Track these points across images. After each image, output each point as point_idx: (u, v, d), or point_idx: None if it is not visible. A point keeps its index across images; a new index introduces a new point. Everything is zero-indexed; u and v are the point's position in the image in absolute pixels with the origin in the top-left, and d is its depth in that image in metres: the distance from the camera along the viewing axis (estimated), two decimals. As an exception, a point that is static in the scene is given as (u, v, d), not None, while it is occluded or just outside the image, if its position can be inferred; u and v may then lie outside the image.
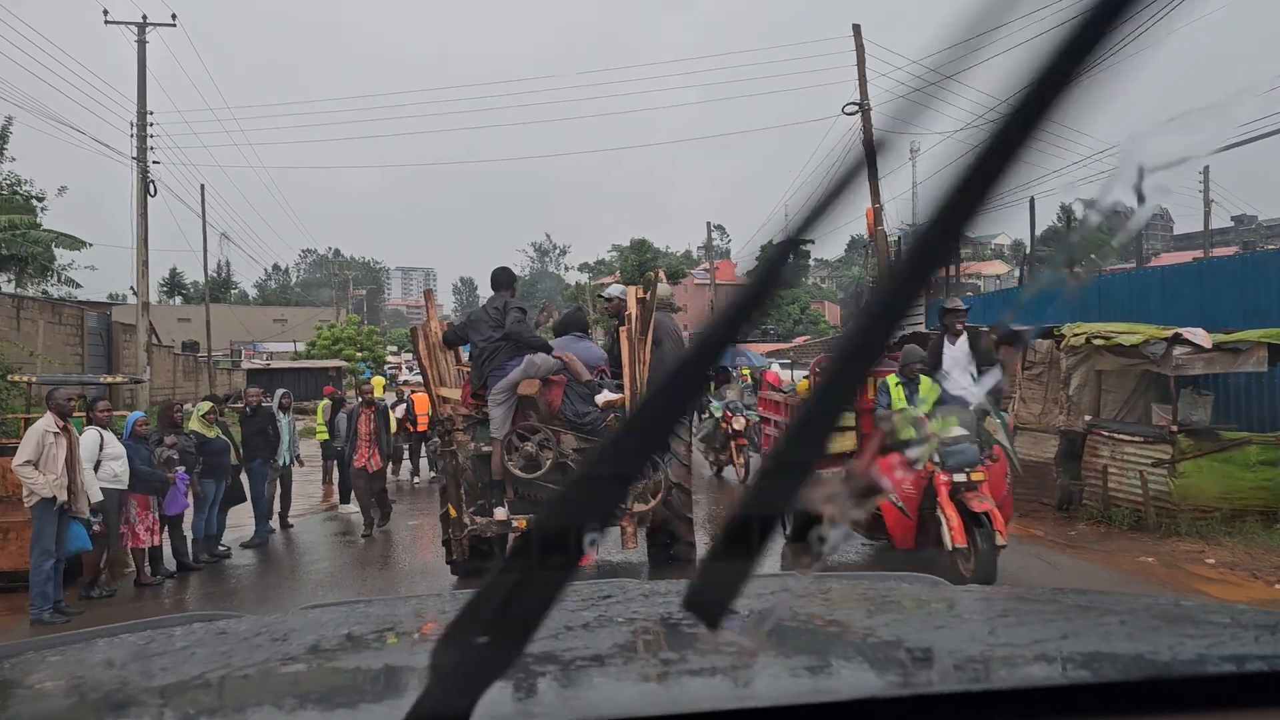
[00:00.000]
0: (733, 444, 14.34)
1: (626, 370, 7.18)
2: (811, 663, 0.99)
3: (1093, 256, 0.89)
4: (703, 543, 7.81)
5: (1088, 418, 10.74)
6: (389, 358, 57.39)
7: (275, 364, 45.83)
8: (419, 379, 20.77)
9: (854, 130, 18.49)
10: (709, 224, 50.91)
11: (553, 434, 7.03)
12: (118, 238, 22.66)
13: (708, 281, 50.04)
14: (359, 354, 46.84)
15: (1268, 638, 1.18)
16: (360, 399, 11.65)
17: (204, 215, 31.70)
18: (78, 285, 26.64)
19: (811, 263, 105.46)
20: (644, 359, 7.27)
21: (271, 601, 8.20)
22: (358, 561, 9.76)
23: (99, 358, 25.97)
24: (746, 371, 36.66)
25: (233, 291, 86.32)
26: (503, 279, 7.48)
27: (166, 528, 9.03)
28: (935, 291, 22.81)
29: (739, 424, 14.16)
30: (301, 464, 11.98)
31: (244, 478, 10.28)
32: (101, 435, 8.15)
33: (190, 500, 9.41)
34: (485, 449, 7.14)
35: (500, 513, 7.06)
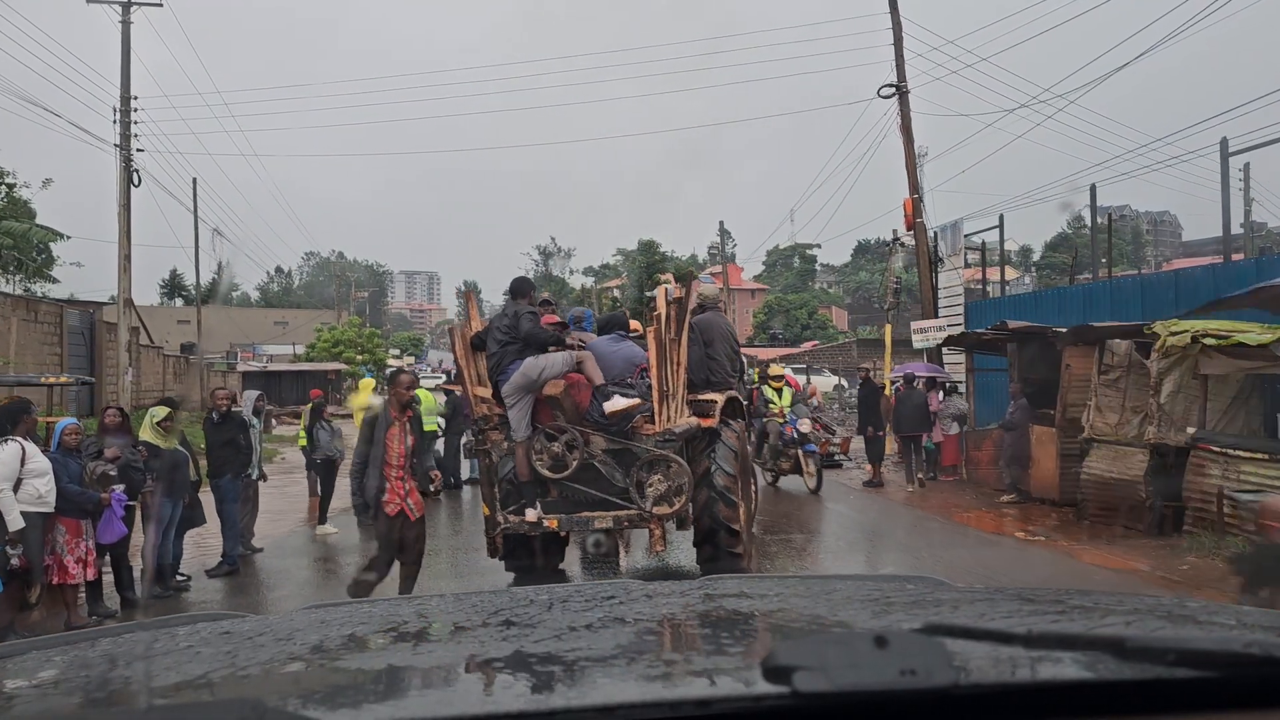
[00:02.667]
0: None
1: (654, 371, 6.85)
2: (816, 658, 0.90)
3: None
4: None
5: (1190, 430, 9.22)
6: (390, 360, 56.11)
7: (273, 366, 44.73)
8: (426, 383, 19.43)
9: (890, 114, 17.04)
10: (721, 223, 49.51)
11: (580, 434, 6.93)
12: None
13: (717, 285, 48.62)
14: (360, 356, 45.61)
15: (1273, 638, 1.20)
16: (387, 398, 7.18)
17: (195, 210, 30.34)
18: (54, 281, 25.18)
19: (818, 268, 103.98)
20: (679, 360, 7.01)
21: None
22: (342, 596, 8.29)
23: (80, 358, 24.57)
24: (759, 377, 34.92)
25: (234, 294, 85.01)
26: (518, 288, 7.44)
27: (109, 557, 7.59)
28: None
29: None
30: (265, 479, 10.43)
31: (201, 496, 8.82)
32: (24, 448, 6.71)
33: (140, 523, 7.99)
34: None
35: (531, 513, 7.04)
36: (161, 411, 8.61)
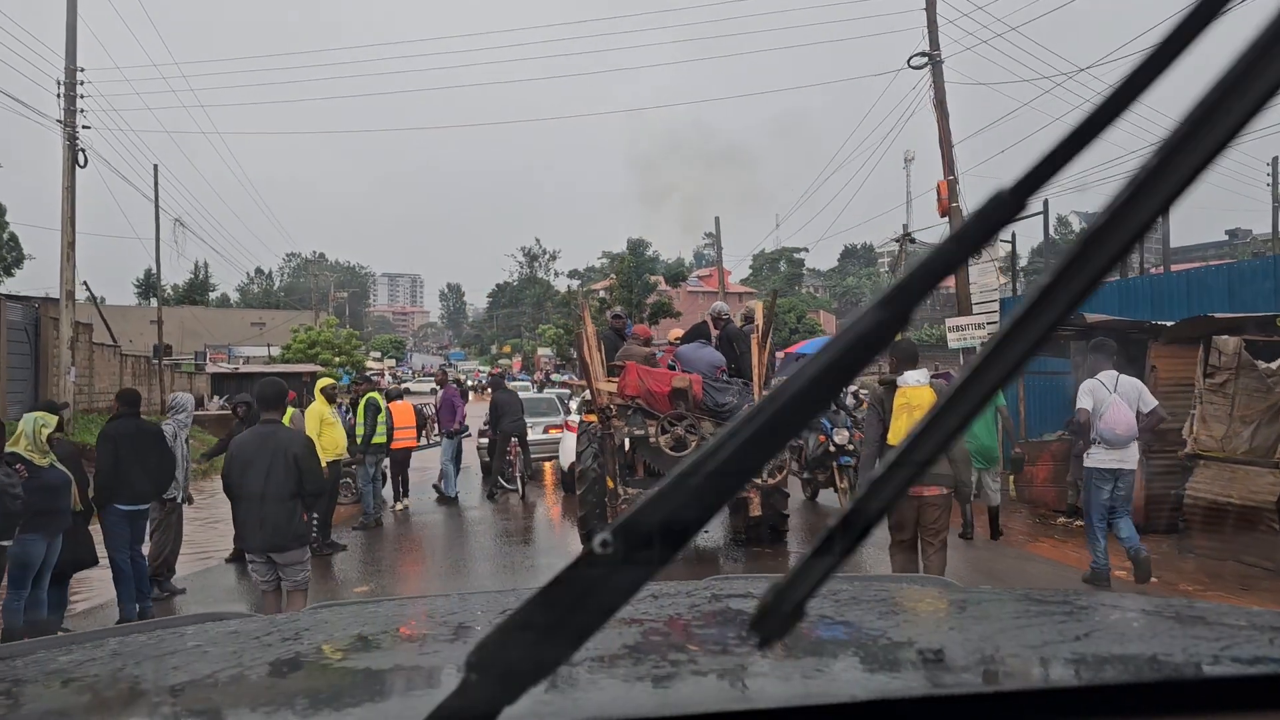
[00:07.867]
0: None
1: (756, 370, 8.57)
2: (821, 664, 0.92)
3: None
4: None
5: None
6: (370, 364, 54.05)
7: (246, 368, 42.61)
8: (397, 386, 17.68)
9: (924, 85, 15.27)
10: (716, 219, 47.94)
11: (696, 419, 8.36)
12: (97, 242, 19.41)
13: (702, 289, 46.88)
14: (337, 359, 43.63)
15: None
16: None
17: (156, 198, 28.25)
18: (10, 275, 23.01)
19: (805, 272, 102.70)
20: (763, 361, 8.68)
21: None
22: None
23: (23, 355, 22.50)
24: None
25: (211, 294, 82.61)
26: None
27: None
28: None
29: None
30: (191, 501, 8.45)
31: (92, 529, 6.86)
32: None
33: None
34: (638, 432, 8.42)
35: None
36: (50, 420, 6.66)
